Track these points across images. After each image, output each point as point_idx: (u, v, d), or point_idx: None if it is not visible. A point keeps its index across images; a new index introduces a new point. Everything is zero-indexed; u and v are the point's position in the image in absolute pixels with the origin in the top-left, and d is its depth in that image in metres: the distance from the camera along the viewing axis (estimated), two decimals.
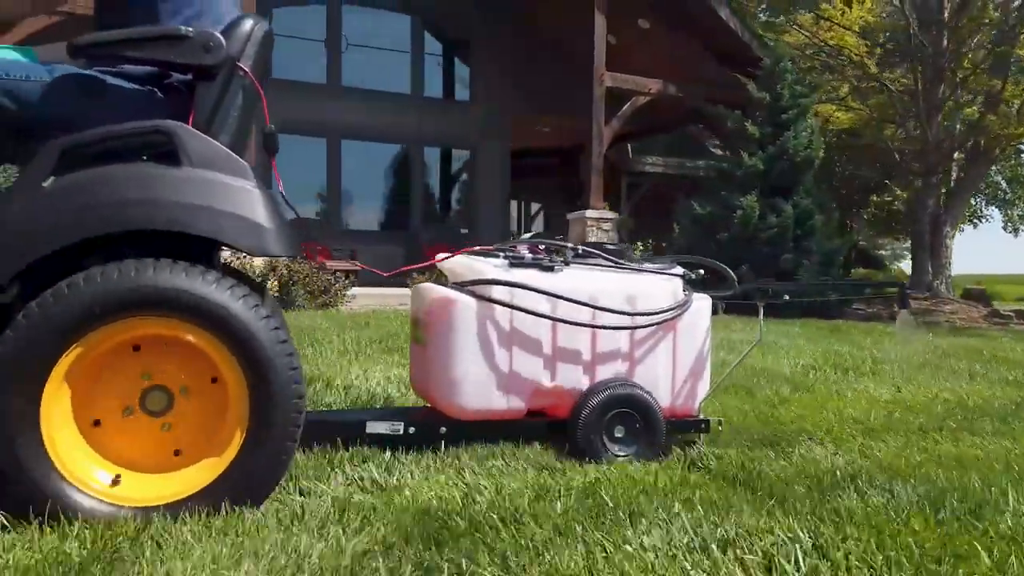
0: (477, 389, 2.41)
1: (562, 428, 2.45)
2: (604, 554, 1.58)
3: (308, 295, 7.95)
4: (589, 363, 2.50)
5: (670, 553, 1.59)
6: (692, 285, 2.67)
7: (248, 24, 1.99)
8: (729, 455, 2.45)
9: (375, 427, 2.41)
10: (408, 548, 1.60)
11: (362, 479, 2.11)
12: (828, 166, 16.22)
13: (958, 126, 13.86)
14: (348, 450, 2.34)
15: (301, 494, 1.96)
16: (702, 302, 2.63)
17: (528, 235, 3.53)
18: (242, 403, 1.75)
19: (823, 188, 11.16)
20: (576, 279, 2.50)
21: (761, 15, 16.86)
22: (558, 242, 2.64)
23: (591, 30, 11.76)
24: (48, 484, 1.63)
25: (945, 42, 12.94)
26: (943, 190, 13.73)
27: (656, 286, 2.57)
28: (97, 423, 1.75)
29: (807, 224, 10.43)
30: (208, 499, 1.73)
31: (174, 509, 1.70)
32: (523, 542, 1.63)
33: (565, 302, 2.43)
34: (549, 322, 2.44)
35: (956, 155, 14.15)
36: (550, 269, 2.50)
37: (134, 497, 1.71)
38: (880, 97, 14.10)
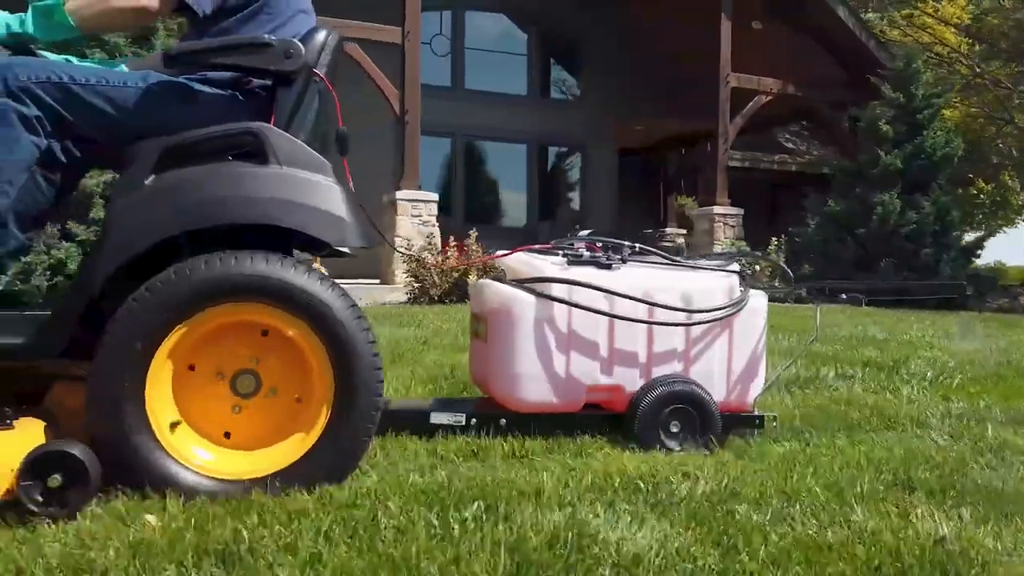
0: (535, 383, 2.49)
1: (620, 421, 2.52)
2: None
3: None
4: (646, 359, 2.56)
5: None
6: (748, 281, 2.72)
7: (323, 34, 2.13)
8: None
9: (438, 418, 2.51)
10: None
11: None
12: None
13: None
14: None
15: None
16: (758, 299, 2.68)
17: (586, 232, 3.60)
18: (328, 388, 1.86)
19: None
20: (633, 276, 2.57)
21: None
22: (615, 240, 2.71)
23: (699, 32, 12.14)
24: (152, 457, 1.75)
25: None
26: None
27: (712, 283, 2.63)
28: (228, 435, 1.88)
29: (946, 219, 10.82)
30: (294, 476, 1.83)
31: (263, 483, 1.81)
32: None
33: (622, 299, 2.50)
34: (606, 319, 2.51)
35: None
36: (607, 267, 2.57)
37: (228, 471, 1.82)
38: (988, 93, 13.95)
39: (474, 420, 2.51)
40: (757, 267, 2.79)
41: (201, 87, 2.06)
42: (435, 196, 10.10)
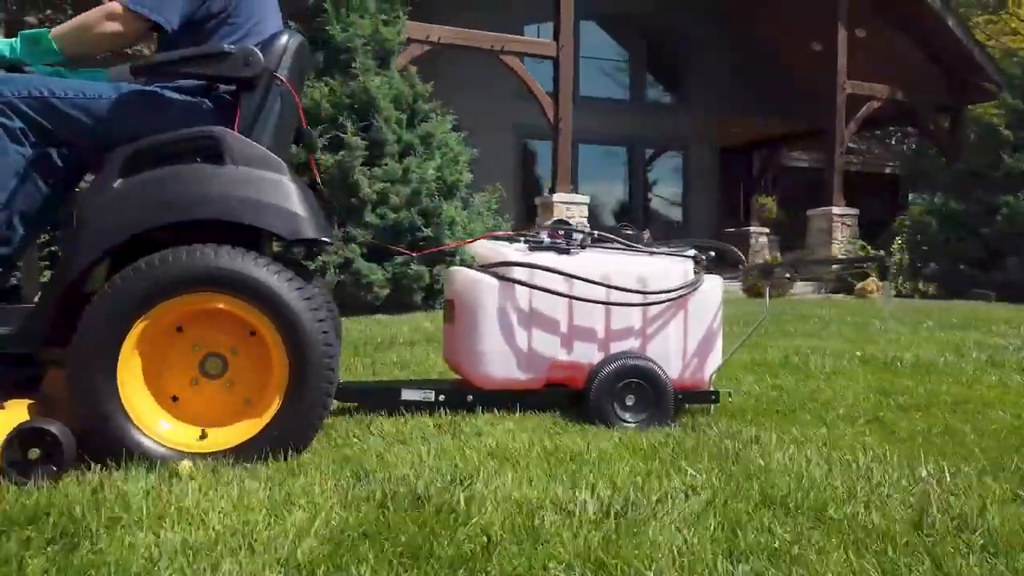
0: (500, 361, 2.65)
1: (580, 398, 2.67)
2: None
3: None
4: (603, 338, 2.70)
5: None
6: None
7: (283, 38, 2.28)
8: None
9: (409, 395, 2.68)
10: None
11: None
12: None
13: None
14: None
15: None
16: (712, 282, 2.79)
17: (550, 221, 3.72)
18: (282, 371, 2.03)
19: None
20: (591, 261, 2.71)
21: None
22: (576, 228, 2.84)
23: (805, 36, 13.18)
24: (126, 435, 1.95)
25: None
26: None
27: (667, 267, 2.75)
28: (175, 399, 2.06)
29: None
30: (259, 446, 2.01)
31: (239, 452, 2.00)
32: None
33: (581, 282, 2.64)
34: (566, 300, 2.66)
35: None
36: (566, 252, 2.71)
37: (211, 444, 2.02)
38: None
39: (442, 397, 2.69)
40: (712, 253, 2.85)
41: (172, 94, 2.24)
42: (586, 199, 10.77)
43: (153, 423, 2.00)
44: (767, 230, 15.09)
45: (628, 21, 15.24)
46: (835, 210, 12.45)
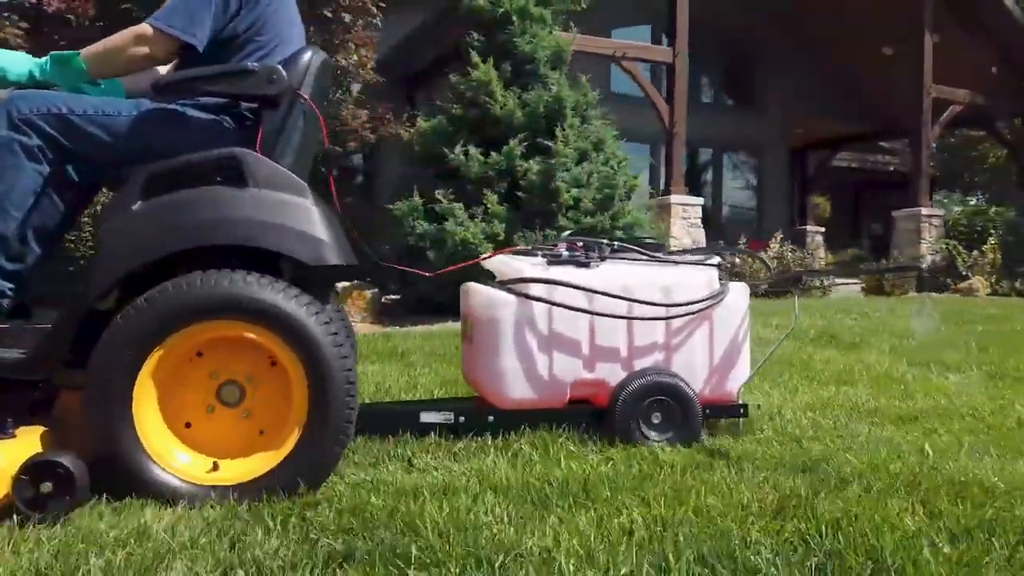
0: (520, 380, 2.58)
1: (604, 416, 2.59)
2: None
3: None
4: (626, 354, 2.63)
5: None
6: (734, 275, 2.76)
7: (307, 56, 2.23)
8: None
9: (428, 417, 2.62)
10: None
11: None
12: None
13: None
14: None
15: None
16: (738, 290, 2.72)
17: (567, 232, 3.64)
18: (302, 401, 1.97)
19: None
20: (611, 273, 2.64)
21: None
22: (594, 239, 2.78)
23: (876, 43, 13.46)
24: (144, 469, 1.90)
25: None
26: None
27: (691, 277, 2.68)
28: (188, 425, 2.00)
29: None
30: (281, 477, 1.94)
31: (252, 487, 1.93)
32: None
33: (600, 295, 2.57)
34: (587, 315, 2.59)
35: None
36: (585, 265, 2.65)
37: (227, 477, 1.95)
38: None
39: (462, 418, 2.62)
40: (737, 260, 2.79)
41: (194, 112, 2.20)
42: (701, 200, 10.86)
43: (168, 454, 1.95)
44: (822, 229, 15.71)
45: (705, 26, 15.47)
46: (923, 211, 12.65)
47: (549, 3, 7.72)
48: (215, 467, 1.97)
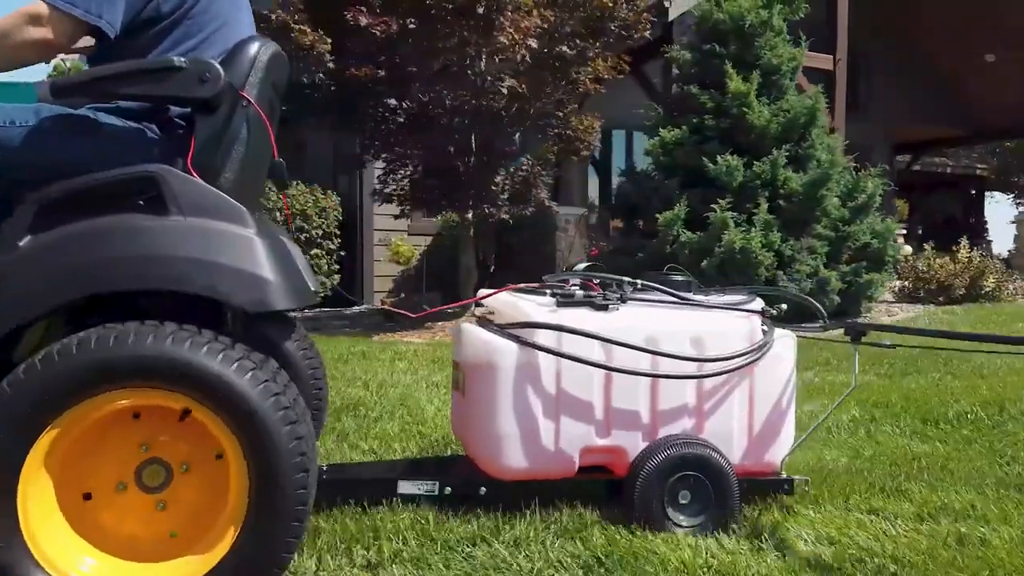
0: (519, 447, 2.13)
1: (621, 489, 2.15)
2: None
3: None
4: (650, 417, 2.18)
5: None
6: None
7: (252, 48, 1.79)
8: None
9: (406, 487, 2.17)
10: None
11: None
12: None
13: None
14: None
15: None
16: (784, 342, 2.27)
17: (583, 265, 3.21)
18: (241, 489, 1.53)
19: None
20: (633, 319, 2.19)
21: None
22: (614, 276, 2.32)
23: (967, 49, 14.05)
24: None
25: None
26: None
27: (728, 325, 2.23)
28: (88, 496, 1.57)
29: None
30: None
31: None
32: None
33: (621, 347, 2.12)
34: (602, 370, 2.14)
35: None
36: (603, 308, 2.19)
37: None
38: None
39: (448, 490, 2.17)
40: (783, 305, 2.38)
41: (108, 119, 1.76)
42: None
43: (66, 560, 1.51)
44: (904, 230, 15.69)
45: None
46: None
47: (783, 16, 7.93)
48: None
